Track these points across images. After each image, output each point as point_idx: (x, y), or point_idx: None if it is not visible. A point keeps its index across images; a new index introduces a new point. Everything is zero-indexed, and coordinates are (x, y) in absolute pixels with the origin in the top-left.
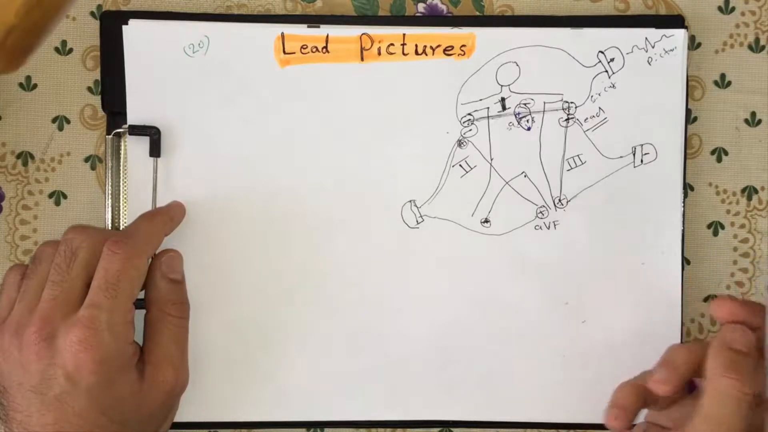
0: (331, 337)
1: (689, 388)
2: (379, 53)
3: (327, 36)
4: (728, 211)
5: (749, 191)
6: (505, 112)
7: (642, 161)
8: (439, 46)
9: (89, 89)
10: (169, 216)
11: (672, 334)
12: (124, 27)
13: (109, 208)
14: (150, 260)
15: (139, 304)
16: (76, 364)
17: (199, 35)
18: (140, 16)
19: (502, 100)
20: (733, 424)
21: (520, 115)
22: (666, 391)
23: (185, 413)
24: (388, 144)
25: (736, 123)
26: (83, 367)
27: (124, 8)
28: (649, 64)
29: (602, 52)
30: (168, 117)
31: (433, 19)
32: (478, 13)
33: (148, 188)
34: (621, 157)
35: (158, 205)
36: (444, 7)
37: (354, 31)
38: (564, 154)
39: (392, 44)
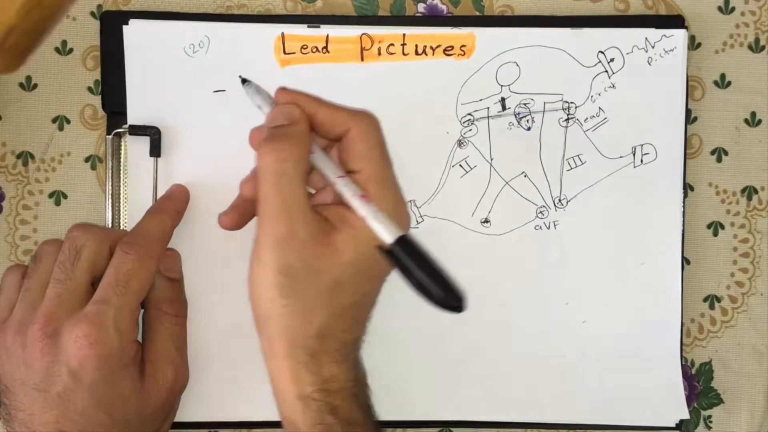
0: None
1: None
2: (379, 53)
3: (327, 36)
4: (728, 211)
5: (749, 191)
6: (505, 112)
7: (642, 161)
8: (439, 46)
9: (89, 89)
10: (175, 209)
11: (672, 334)
12: (124, 27)
13: (110, 208)
14: None
15: None
16: (80, 360)
17: (199, 35)
18: (140, 16)
19: (502, 100)
20: (275, 195)
21: (520, 115)
22: (229, 224)
23: (185, 413)
24: (388, 144)
25: (736, 123)
26: (87, 363)
27: (124, 8)
28: (649, 64)
29: (602, 52)
30: (168, 117)
31: (433, 19)
32: (478, 13)
33: (148, 188)
34: (621, 157)
35: None
36: (444, 7)
37: (354, 31)
38: (564, 154)
39: (392, 44)
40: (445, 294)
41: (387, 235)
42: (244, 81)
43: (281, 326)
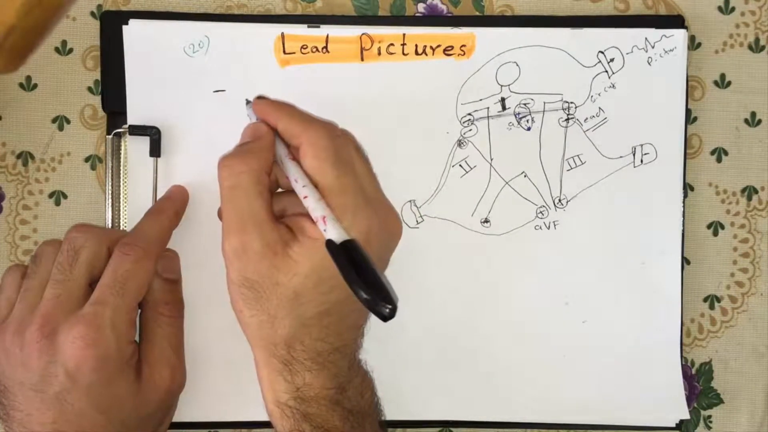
0: None
1: None
2: (379, 53)
3: (327, 36)
4: (728, 211)
5: (749, 191)
6: (505, 112)
7: (642, 161)
8: (439, 46)
9: (89, 89)
10: (174, 210)
11: (672, 334)
12: (124, 27)
13: (110, 208)
14: None
15: None
16: (77, 361)
17: (199, 35)
18: (140, 16)
19: (502, 100)
20: (229, 209)
21: (520, 115)
22: None
23: (185, 413)
24: (388, 144)
25: (736, 123)
26: (84, 364)
27: (124, 8)
28: (649, 64)
29: (602, 52)
30: (168, 117)
31: (433, 19)
32: (478, 13)
33: (148, 188)
34: (621, 157)
35: None
36: (444, 7)
37: (354, 31)
38: (564, 154)
39: (392, 44)
40: (375, 298)
41: (332, 235)
42: (248, 102)
43: (254, 336)
